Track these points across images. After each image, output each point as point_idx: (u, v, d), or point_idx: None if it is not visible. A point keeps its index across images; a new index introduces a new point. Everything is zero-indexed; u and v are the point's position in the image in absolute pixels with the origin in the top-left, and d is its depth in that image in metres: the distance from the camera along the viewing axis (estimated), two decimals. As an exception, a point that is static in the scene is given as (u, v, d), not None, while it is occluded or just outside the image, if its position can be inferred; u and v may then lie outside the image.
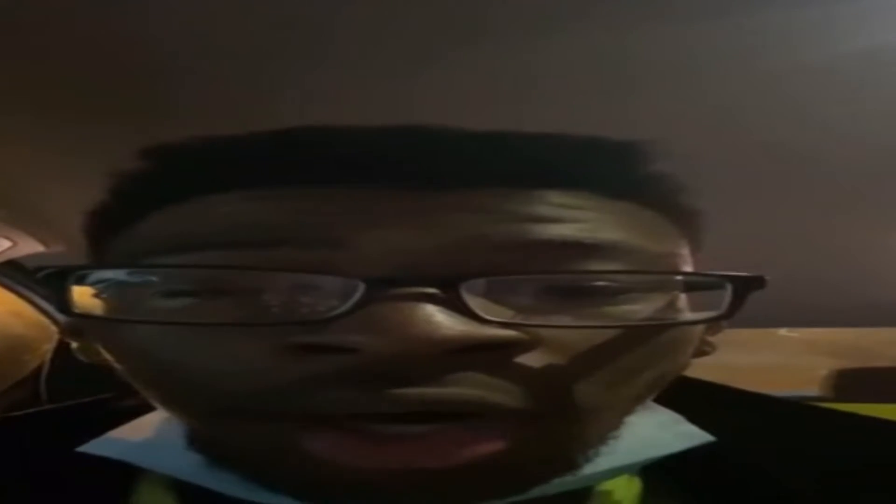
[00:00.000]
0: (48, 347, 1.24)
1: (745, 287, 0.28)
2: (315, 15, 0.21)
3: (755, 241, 0.32)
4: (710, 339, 0.35)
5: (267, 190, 0.27)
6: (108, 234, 0.31)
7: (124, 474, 0.35)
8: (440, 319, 0.25)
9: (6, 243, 0.41)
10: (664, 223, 0.31)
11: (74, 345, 0.36)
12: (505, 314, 0.26)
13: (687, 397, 0.34)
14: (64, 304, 0.28)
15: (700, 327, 0.32)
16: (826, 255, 0.40)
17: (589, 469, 0.29)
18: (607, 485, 0.34)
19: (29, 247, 0.42)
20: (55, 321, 1.31)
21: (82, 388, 0.44)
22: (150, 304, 0.28)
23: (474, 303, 0.25)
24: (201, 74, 0.23)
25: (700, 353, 0.34)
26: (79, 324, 0.35)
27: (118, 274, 0.29)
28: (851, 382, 1.98)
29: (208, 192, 0.28)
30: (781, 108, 0.26)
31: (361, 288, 0.25)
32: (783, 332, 2.29)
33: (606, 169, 0.29)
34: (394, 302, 0.25)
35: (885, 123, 0.28)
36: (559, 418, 0.27)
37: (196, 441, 0.30)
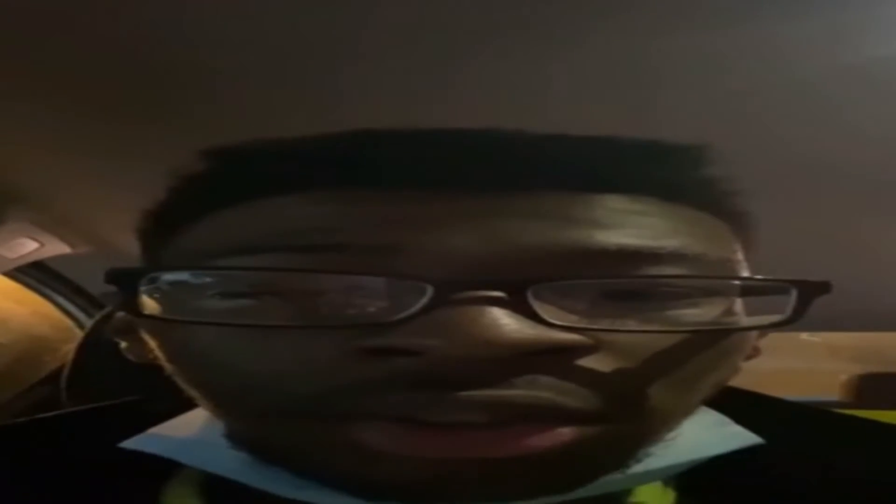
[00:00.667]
0: (69, 348, 1.25)
1: (811, 292, 0.28)
2: (371, 15, 0.21)
3: (778, 245, 0.32)
4: (758, 344, 0.35)
5: (328, 192, 0.28)
6: (163, 235, 0.31)
7: (152, 479, 0.35)
8: (507, 323, 0.25)
9: (33, 245, 0.41)
10: (721, 227, 0.31)
11: (123, 344, 0.36)
12: (569, 318, 0.26)
13: (724, 404, 0.34)
14: (135, 305, 0.28)
15: (755, 332, 0.32)
16: (850, 258, 0.40)
17: (638, 469, 0.30)
18: (639, 496, 0.34)
19: (55, 248, 0.42)
20: (78, 322, 1.32)
21: (103, 391, 0.44)
22: (207, 304, 0.28)
23: (540, 307, 0.25)
24: (236, 76, 0.23)
25: (748, 357, 0.34)
26: (130, 323, 0.35)
27: (184, 275, 0.29)
28: (872, 387, 1.97)
29: (269, 194, 0.28)
30: (814, 111, 0.26)
31: (430, 291, 0.25)
32: (805, 336, 2.27)
33: (664, 172, 0.29)
34: (460, 305, 0.25)
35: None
36: (621, 420, 0.27)
37: (241, 441, 0.30)
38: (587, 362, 0.26)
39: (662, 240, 0.28)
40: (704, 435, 0.33)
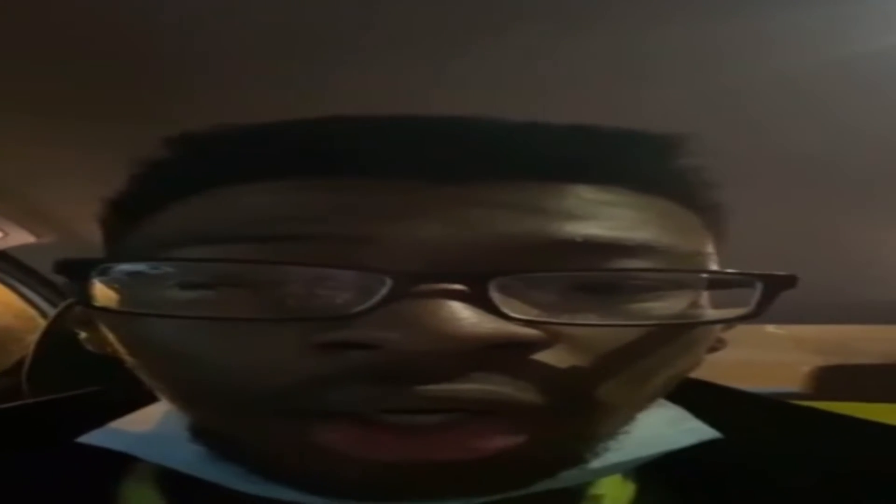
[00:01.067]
0: (33, 339, 1.23)
1: (776, 286, 0.28)
2: (341, 4, 0.21)
3: (745, 238, 0.32)
4: (723, 335, 0.35)
5: (291, 181, 0.27)
6: (125, 224, 0.31)
7: (109, 472, 0.34)
8: (465, 316, 0.24)
9: None
10: (692, 219, 0.31)
11: (83, 335, 0.35)
12: (531, 312, 0.26)
13: (682, 396, 0.34)
14: (86, 296, 0.27)
15: (719, 324, 0.32)
16: (815, 252, 0.41)
17: (596, 464, 0.29)
18: (600, 488, 0.34)
19: (19, 238, 0.42)
20: (42, 313, 1.30)
21: (65, 382, 0.43)
22: (166, 295, 0.27)
23: (501, 300, 0.25)
24: (206, 65, 0.23)
25: (712, 349, 0.34)
26: (88, 314, 0.34)
27: (140, 266, 0.29)
28: (833, 379, 2.00)
29: (231, 183, 0.28)
30: (797, 105, 0.26)
31: (388, 283, 0.25)
32: (770, 328, 2.30)
33: (638, 162, 0.29)
34: (419, 298, 0.24)
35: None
36: (577, 415, 0.27)
37: (201, 434, 0.30)
38: (547, 356, 0.26)
39: (632, 231, 0.27)
40: (662, 429, 0.34)
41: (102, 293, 0.28)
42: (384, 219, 0.26)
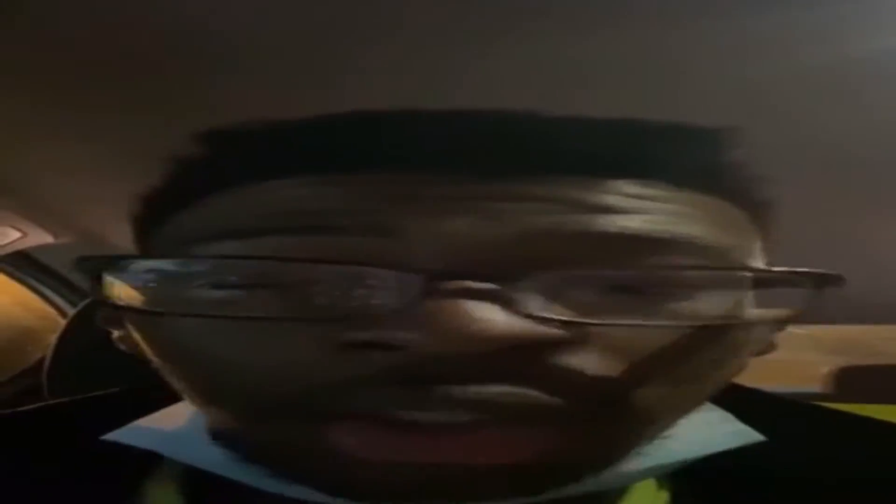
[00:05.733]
0: (52, 338, 1.24)
1: (825, 284, 0.26)
2: None
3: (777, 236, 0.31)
4: (773, 338, 0.34)
5: (317, 176, 0.26)
6: (153, 222, 0.30)
7: (129, 474, 0.34)
8: (495, 317, 0.23)
9: (15, 234, 0.40)
10: (738, 215, 0.29)
11: (116, 334, 0.35)
12: (564, 312, 0.25)
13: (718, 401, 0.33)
14: (103, 295, 0.27)
15: (769, 326, 0.31)
16: (837, 251, 0.40)
17: (630, 467, 0.28)
18: (634, 495, 0.33)
19: (38, 238, 0.42)
20: (62, 312, 1.31)
21: (85, 381, 0.43)
22: (192, 294, 0.27)
23: (533, 300, 0.24)
24: (227, 60, 0.23)
25: (761, 352, 0.32)
26: (116, 315, 0.34)
27: (161, 264, 0.28)
28: (853, 379, 1.98)
29: (258, 179, 0.27)
30: (835, 99, 0.25)
31: (418, 282, 0.24)
32: (790, 327, 2.28)
33: (680, 156, 0.27)
34: (449, 297, 0.24)
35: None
36: (612, 421, 0.26)
37: (220, 437, 0.29)
38: (581, 360, 0.25)
39: (674, 226, 0.26)
40: (705, 432, 0.32)
41: (125, 292, 0.27)
42: (413, 213, 0.25)
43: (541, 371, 0.25)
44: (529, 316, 0.24)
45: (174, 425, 0.33)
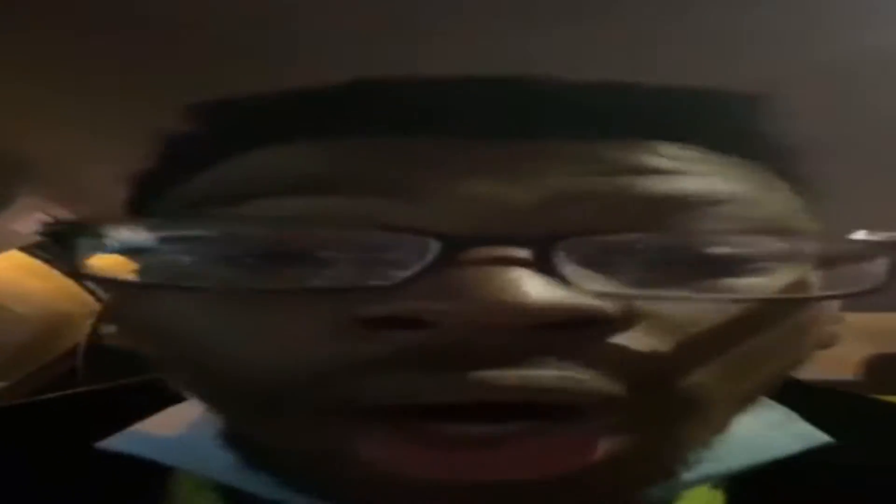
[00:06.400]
0: (89, 323, 1.27)
1: (888, 252, 0.23)
2: None
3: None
4: (836, 329, 0.31)
5: (326, 141, 0.24)
6: (151, 196, 0.27)
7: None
8: (529, 287, 0.20)
9: (45, 219, 0.41)
10: (782, 187, 0.26)
11: (110, 329, 0.35)
12: (607, 284, 0.22)
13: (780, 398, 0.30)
14: (72, 263, 0.24)
15: (830, 315, 0.28)
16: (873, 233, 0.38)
17: (689, 476, 0.26)
18: (686, 500, 0.29)
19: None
20: (98, 297, 1.33)
21: (119, 367, 0.43)
22: (193, 269, 0.24)
23: (571, 269, 0.21)
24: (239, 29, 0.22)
25: (824, 344, 0.30)
26: (120, 308, 0.31)
27: (141, 236, 0.25)
28: (886, 368, 1.95)
29: (266, 144, 0.24)
30: (880, 75, 0.24)
31: (435, 247, 0.21)
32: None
33: (725, 123, 0.24)
34: (474, 265, 0.21)
35: None
36: (667, 412, 0.23)
37: (231, 438, 0.27)
38: (627, 339, 0.22)
39: (722, 185, 0.24)
40: (767, 434, 0.30)
41: (108, 263, 0.25)
42: (436, 174, 0.22)
43: (586, 352, 0.22)
44: (569, 285, 0.21)
45: (176, 431, 0.30)
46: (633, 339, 0.22)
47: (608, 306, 0.22)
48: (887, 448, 0.33)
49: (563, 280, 0.21)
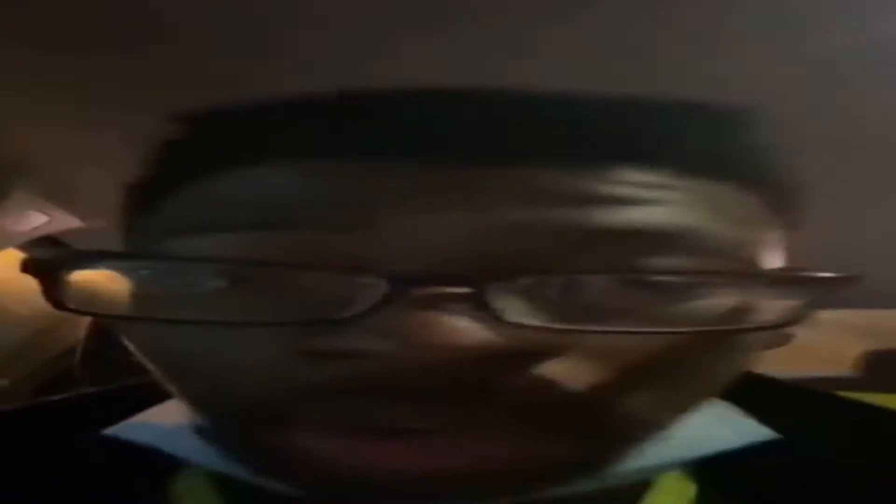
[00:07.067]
0: (85, 322, 1.26)
1: (840, 286, 0.24)
2: None
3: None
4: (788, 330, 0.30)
5: (293, 164, 0.24)
6: (137, 211, 0.28)
7: (163, 460, 0.33)
8: (465, 325, 0.22)
9: (42, 218, 0.40)
10: (754, 204, 0.26)
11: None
12: (545, 317, 0.23)
13: (741, 392, 0.30)
14: (55, 297, 0.25)
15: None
16: (867, 235, 0.38)
17: (628, 467, 0.27)
18: (660, 487, 0.31)
19: (65, 222, 0.41)
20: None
21: (115, 369, 0.43)
22: (181, 293, 0.25)
23: (511, 304, 0.22)
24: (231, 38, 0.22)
25: (777, 343, 0.31)
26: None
27: (117, 264, 0.26)
28: (881, 364, 1.96)
29: (231, 165, 0.24)
30: (855, 81, 0.23)
31: (383, 287, 0.22)
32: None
33: (693, 138, 0.24)
34: (417, 303, 0.22)
35: None
36: (601, 431, 0.24)
37: (202, 432, 0.29)
38: (561, 368, 0.23)
39: (676, 219, 0.23)
40: (711, 428, 0.30)
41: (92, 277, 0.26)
42: (383, 206, 0.23)
43: (518, 382, 0.23)
44: (505, 323, 0.22)
45: (172, 420, 0.32)
46: (568, 370, 0.23)
47: (541, 340, 0.23)
48: (844, 441, 0.34)
49: (498, 317, 0.22)
